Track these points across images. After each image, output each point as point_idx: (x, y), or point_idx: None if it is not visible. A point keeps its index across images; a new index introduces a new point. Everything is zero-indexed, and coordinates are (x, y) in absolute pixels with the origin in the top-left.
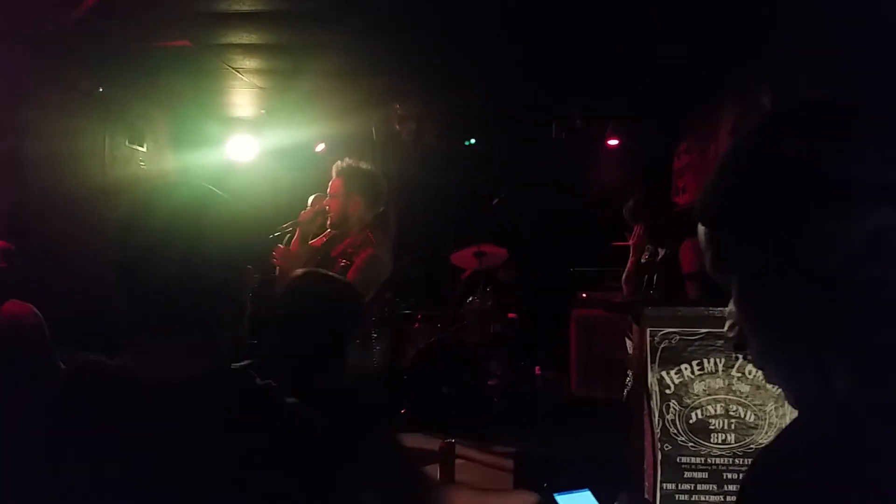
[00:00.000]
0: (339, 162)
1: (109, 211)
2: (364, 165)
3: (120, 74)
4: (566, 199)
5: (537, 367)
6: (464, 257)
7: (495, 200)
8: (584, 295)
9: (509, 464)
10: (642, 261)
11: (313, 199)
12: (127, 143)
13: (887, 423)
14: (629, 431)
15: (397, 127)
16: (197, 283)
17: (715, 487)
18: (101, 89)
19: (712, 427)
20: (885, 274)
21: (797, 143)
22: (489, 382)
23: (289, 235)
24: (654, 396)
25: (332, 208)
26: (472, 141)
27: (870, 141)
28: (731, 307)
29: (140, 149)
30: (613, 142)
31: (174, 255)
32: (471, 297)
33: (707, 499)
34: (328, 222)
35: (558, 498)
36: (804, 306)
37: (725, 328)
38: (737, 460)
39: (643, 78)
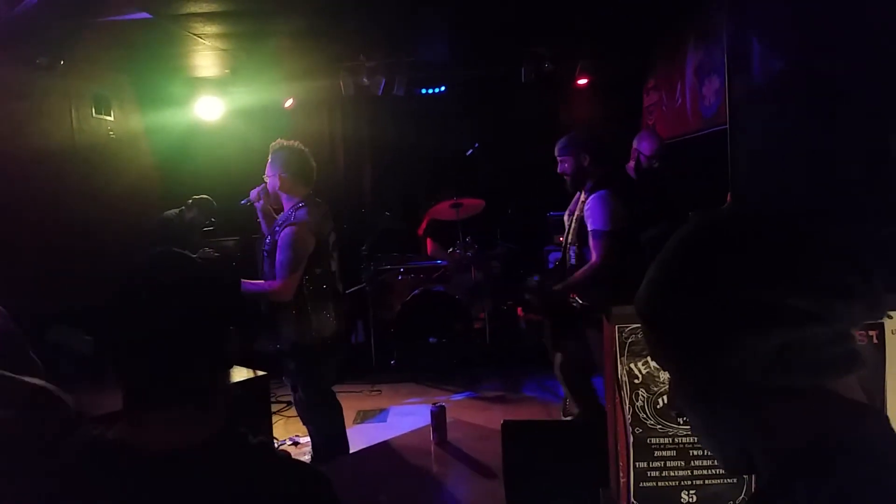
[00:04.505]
0: (273, 143)
1: (82, 184)
2: (293, 144)
3: (81, 47)
4: (540, 144)
5: (519, 309)
6: (442, 210)
7: (470, 151)
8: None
9: (498, 418)
10: None
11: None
12: (94, 113)
13: None
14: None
15: (365, 81)
16: (188, 351)
17: (682, 464)
18: (62, 62)
19: None
20: (790, 382)
21: (719, 263)
22: (475, 326)
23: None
24: (624, 386)
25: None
26: (443, 88)
27: (778, 269)
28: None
29: (108, 118)
30: (583, 81)
31: (163, 327)
32: (451, 248)
33: (676, 473)
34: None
35: None
36: (727, 403)
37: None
38: None
39: (608, 16)
